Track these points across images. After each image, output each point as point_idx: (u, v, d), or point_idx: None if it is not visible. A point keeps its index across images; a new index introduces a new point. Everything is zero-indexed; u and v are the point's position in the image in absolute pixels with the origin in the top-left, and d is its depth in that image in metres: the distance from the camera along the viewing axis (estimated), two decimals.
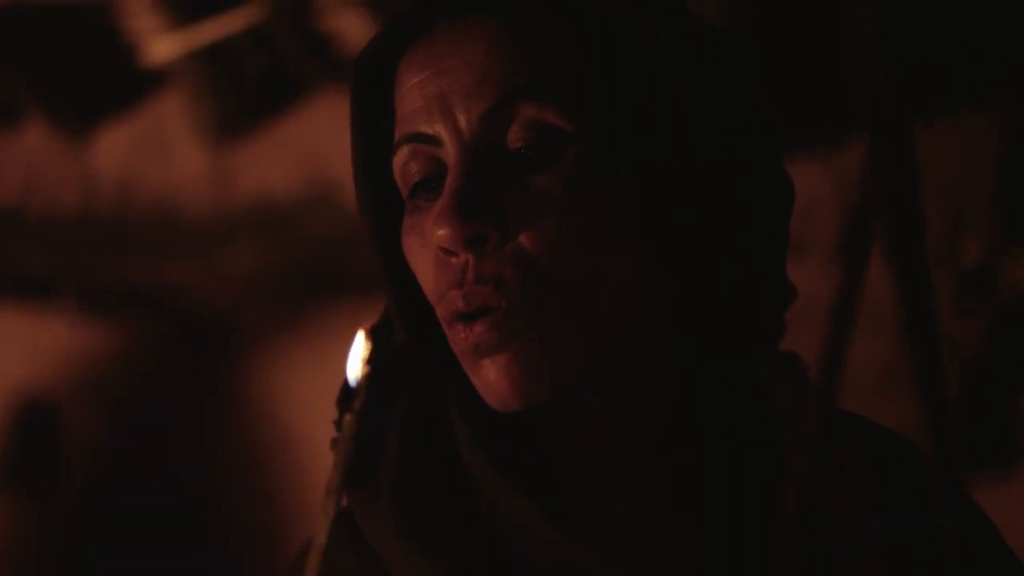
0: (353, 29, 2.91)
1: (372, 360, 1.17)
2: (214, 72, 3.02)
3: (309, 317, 3.14)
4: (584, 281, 1.05)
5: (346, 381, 1.16)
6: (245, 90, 3.04)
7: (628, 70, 1.07)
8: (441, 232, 1.02)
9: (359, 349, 1.01)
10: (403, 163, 1.08)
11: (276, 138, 3.08)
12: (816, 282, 1.12)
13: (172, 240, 3.18)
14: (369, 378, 1.17)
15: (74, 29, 3.09)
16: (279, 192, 3.10)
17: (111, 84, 3.13)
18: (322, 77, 2.98)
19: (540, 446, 1.10)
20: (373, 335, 1.18)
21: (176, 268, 3.23)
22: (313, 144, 3.04)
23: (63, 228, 3.22)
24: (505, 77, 1.05)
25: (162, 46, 2.97)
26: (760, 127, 1.11)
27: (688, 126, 1.08)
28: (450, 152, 1.05)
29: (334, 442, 1.16)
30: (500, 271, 1.03)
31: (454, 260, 1.04)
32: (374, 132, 1.13)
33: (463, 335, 1.04)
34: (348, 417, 1.18)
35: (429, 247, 1.06)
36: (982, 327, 2.38)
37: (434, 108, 1.06)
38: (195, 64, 3.01)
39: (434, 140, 1.06)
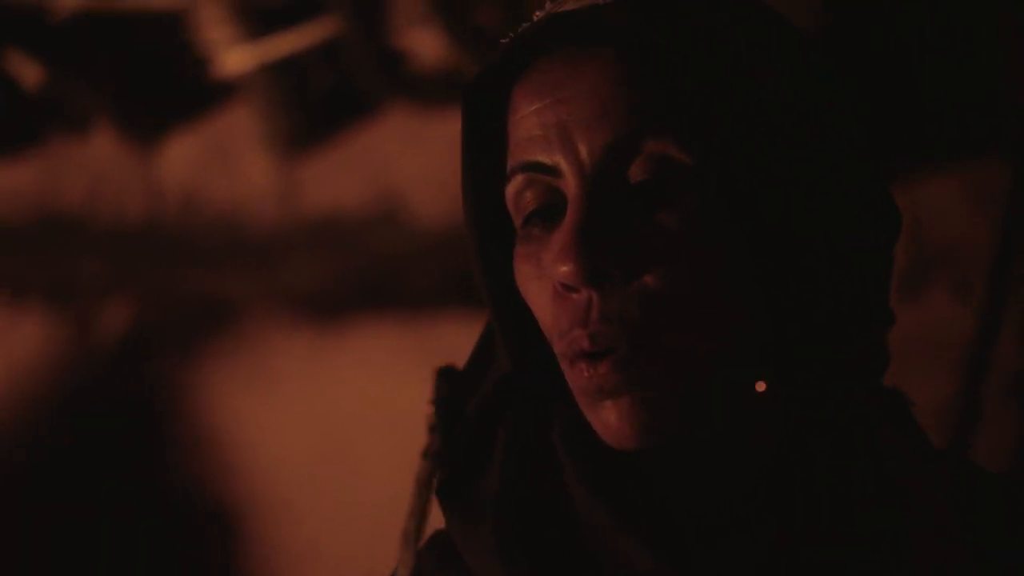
0: (424, 46, 2.91)
1: (438, 402, 1.17)
2: (284, 86, 3.02)
3: (360, 330, 3.14)
4: (705, 320, 1.03)
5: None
6: (314, 104, 3.04)
7: (742, 102, 1.06)
8: (564, 269, 1.00)
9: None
10: (517, 191, 1.07)
11: (343, 154, 3.08)
12: (934, 313, 1.11)
13: (235, 252, 3.18)
14: (438, 418, 1.16)
15: (145, 38, 3.09)
16: (344, 207, 3.10)
17: (180, 94, 3.14)
18: (391, 93, 2.98)
19: (645, 481, 1.08)
20: (443, 377, 1.18)
21: (237, 281, 3.23)
22: (380, 160, 3.04)
23: (127, 237, 3.22)
24: (628, 109, 1.03)
25: (234, 58, 2.98)
26: (866, 152, 1.09)
27: (798, 157, 1.06)
28: (570, 184, 1.03)
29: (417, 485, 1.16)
30: (624, 309, 1.01)
31: (575, 296, 1.02)
32: (485, 155, 1.10)
33: (586, 374, 1.02)
34: (422, 463, 1.18)
35: (545, 278, 1.04)
36: None
37: (553, 138, 1.04)
38: (265, 77, 3.01)
39: (553, 171, 1.04)
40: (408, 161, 3.07)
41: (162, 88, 3.15)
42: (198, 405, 3.38)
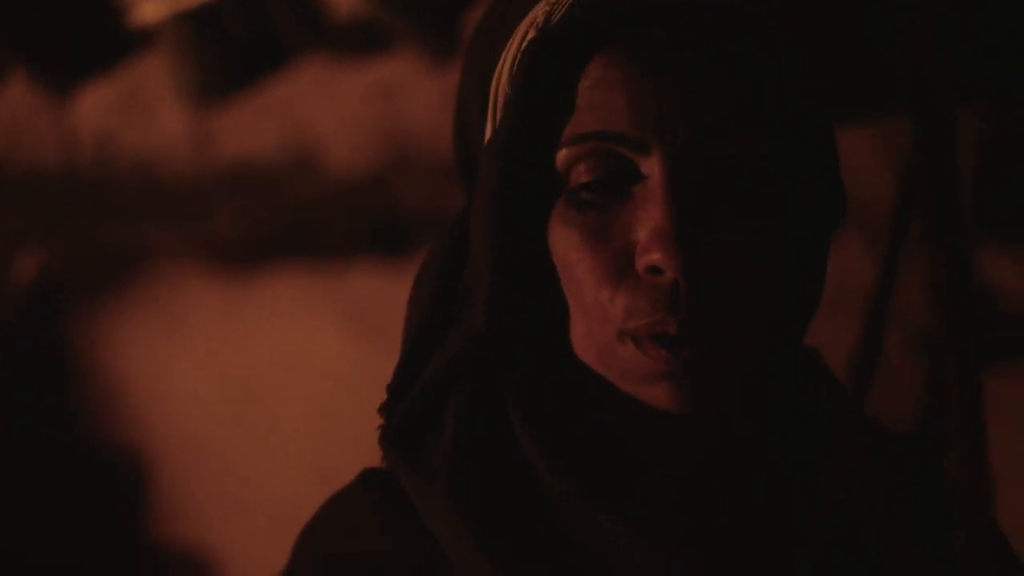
0: None
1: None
2: (199, 35, 3.01)
3: (274, 279, 3.14)
4: (762, 313, 1.06)
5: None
6: (229, 54, 3.03)
7: (798, 99, 1.08)
8: (662, 255, 1.01)
9: None
10: (579, 156, 1.06)
11: (258, 103, 3.07)
12: (847, 265, 1.14)
13: (149, 201, 3.17)
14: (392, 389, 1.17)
15: None
16: (259, 157, 3.10)
17: (95, 43, 3.12)
18: (307, 43, 2.98)
19: (609, 449, 1.10)
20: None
21: (152, 230, 3.23)
22: (295, 110, 3.04)
23: (41, 186, 3.20)
24: (724, 99, 1.04)
25: (149, 7, 2.96)
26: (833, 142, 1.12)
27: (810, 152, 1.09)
28: (658, 164, 1.03)
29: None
30: (708, 300, 1.03)
31: (660, 280, 1.03)
32: (538, 111, 1.08)
33: (656, 357, 1.04)
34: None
35: (602, 250, 1.05)
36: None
37: (646, 114, 1.04)
38: (180, 26, 3.00)
39: (639, 146, 1.04)
40: (323, 111, 3.07)
41: (77, 36, 3.13)
42: (111, 355, 3.38)
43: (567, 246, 1.06)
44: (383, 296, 3.04)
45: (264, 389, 3.16)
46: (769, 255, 1.05)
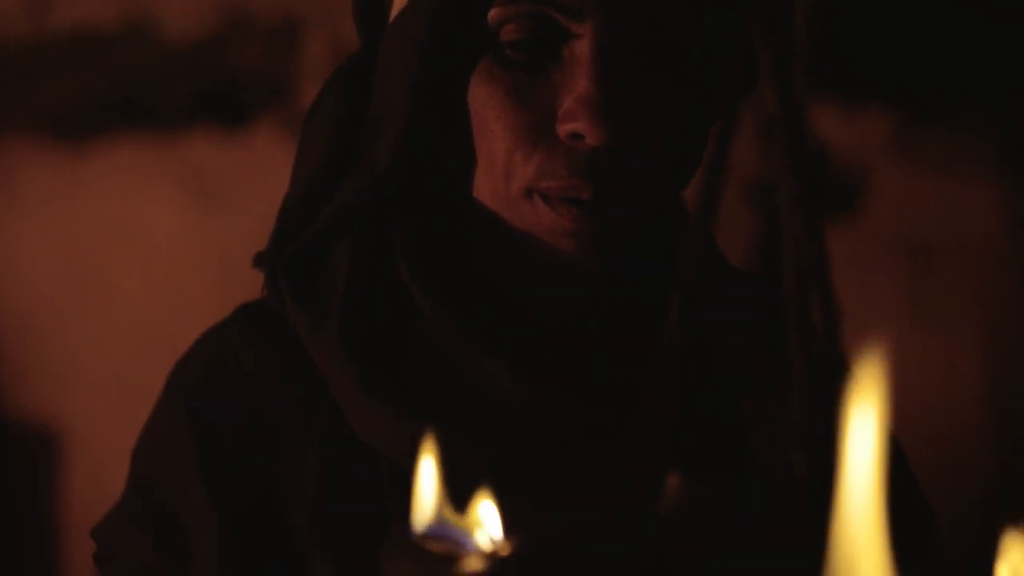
0: None
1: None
2: None
3: (111, 149, 3.10)
4: (662, 180, 1.10)
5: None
6: None
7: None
8: (586, 123, 1.03)
9: None
10: (514, 15, 1.07)
11: None
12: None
13: None
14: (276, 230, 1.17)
15: None
16: (94, 24, 3.05)
17: None
18: None
19: (497, 300, 1.13)
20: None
21: None
22: None
23: None
24: None
25: None
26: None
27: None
28: (592, 34, 1.05)
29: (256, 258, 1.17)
30: (618, 170, 1.05)
31: (579, 145, 1.05)
32: None
33: (563, 213, 1.06)
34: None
35: (523, 109, 1.07)
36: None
37: None
38: None
39: (576, 13, 1.06)
40: None
41: None
42: None
43: (488, 103, 1.08)
44: (220, 164, 3.02)
45: (101, 259, 3.13)
46: (680, 125, 1.08)
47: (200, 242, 3.01)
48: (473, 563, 0.75)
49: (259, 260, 1.16)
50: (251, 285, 1.21)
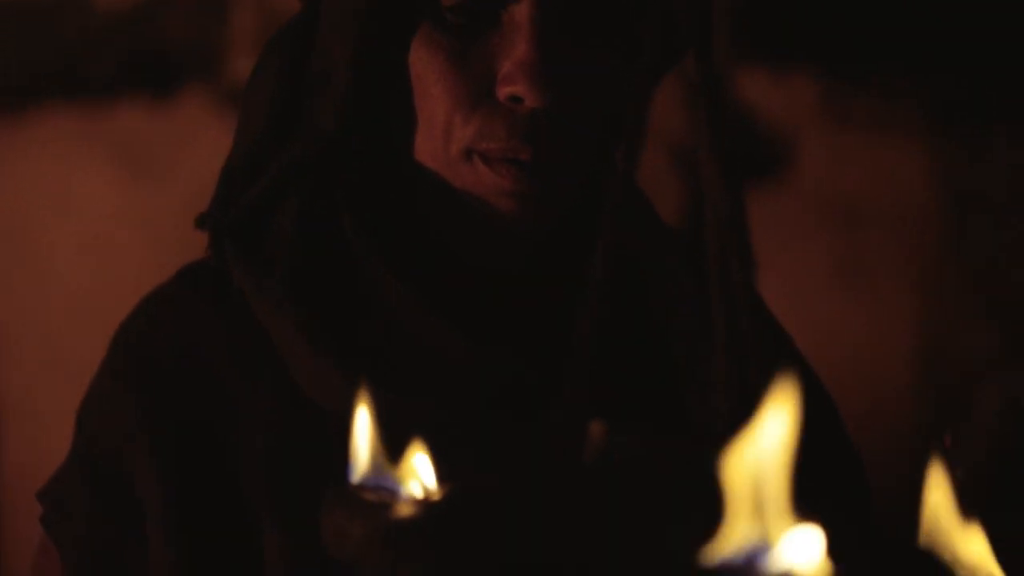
0: None
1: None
2: None
3: (42, 118, 3.09)
4: (596, 141, 1.11)
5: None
6: None
7: None
8: (525, 87, 1.05)
9: None
10: None
11: None
12: None
13: None
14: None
15: None
16: None
17: None
18: None
19: (442, 259, 1.15)
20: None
21: None
22: None
23: None
24: None
25: None
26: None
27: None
28: (532, 1, 1.06)
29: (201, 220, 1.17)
30: (557, 132, 1.07)
31: (518, 108, 1.07)
32: None
33: (503, 174, 1.08)
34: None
35: (462, 74, 1.08)
36: None
37: None
38: None
39: None
40: None
41: None
42: None
43: (428, 66, 1.09)
44: (150, 133, 3.01)
45: (34, 228, 3.11)
46: (615, 91, 1.09)
47: (132, 211, 3.00)
48: (405, 510, 0.76)
49: (203, 220, 1.16)
50: (183, 252, 1.21)
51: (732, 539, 0.66)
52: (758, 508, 0.66)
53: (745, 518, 0.66)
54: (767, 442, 0.67)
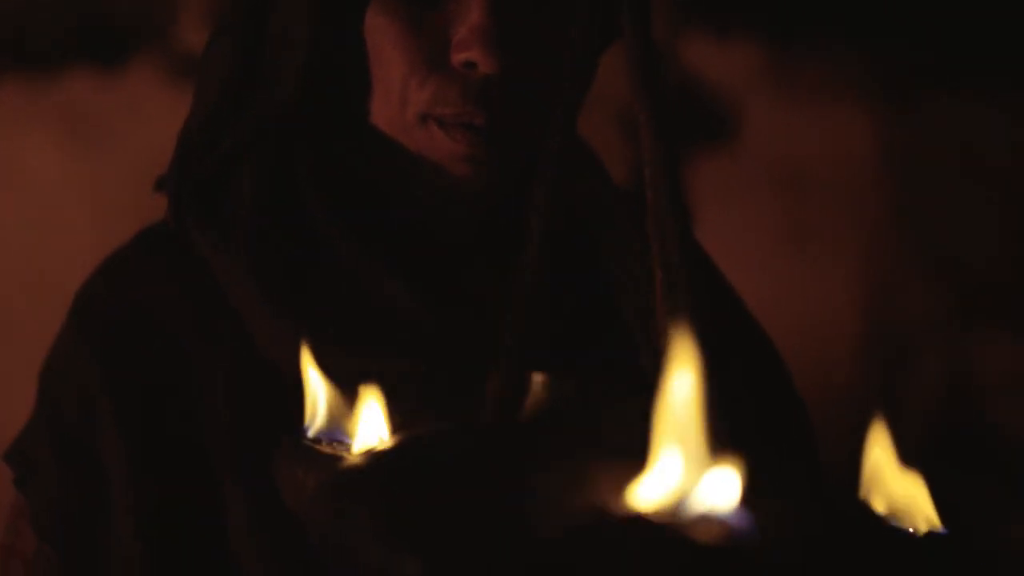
0: None
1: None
2: None
3: None
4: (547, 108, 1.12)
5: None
6: None
7: None
8: (480, 52, 1.07)
9: None
10: None
11: None
12: None
13: None
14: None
15: None
16: None
17: None
18: None
19: (400, 222, 1.16)
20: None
21: None
22: None
23: None
24: None
25: None
26: None
27: None
28: None
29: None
30: (510, 97, 1.09)
31: (472, 74, 1.09)
32: None
33: (458, 138, 1.10)
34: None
35: (418, 39, 1.10)
36: None
37: None
38: None
39: None
40: None
41: None
42: None
43: (384, 32, 1.11)
44: (97, 103, 3.00)
45: None
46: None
47: (80, 181, 2.99)
48: (355, 459, 0.78)
49: (162, 183, 1.17)
50: (132, 222, 1.22)
51: (654, 482, 0.69)
52: (678, 451, 0.68)
53: (667, 461, 0.69)
54: (677, 390, 0.69)
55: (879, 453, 0.81)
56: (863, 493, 0.80)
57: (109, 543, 1.09)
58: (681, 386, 0.69)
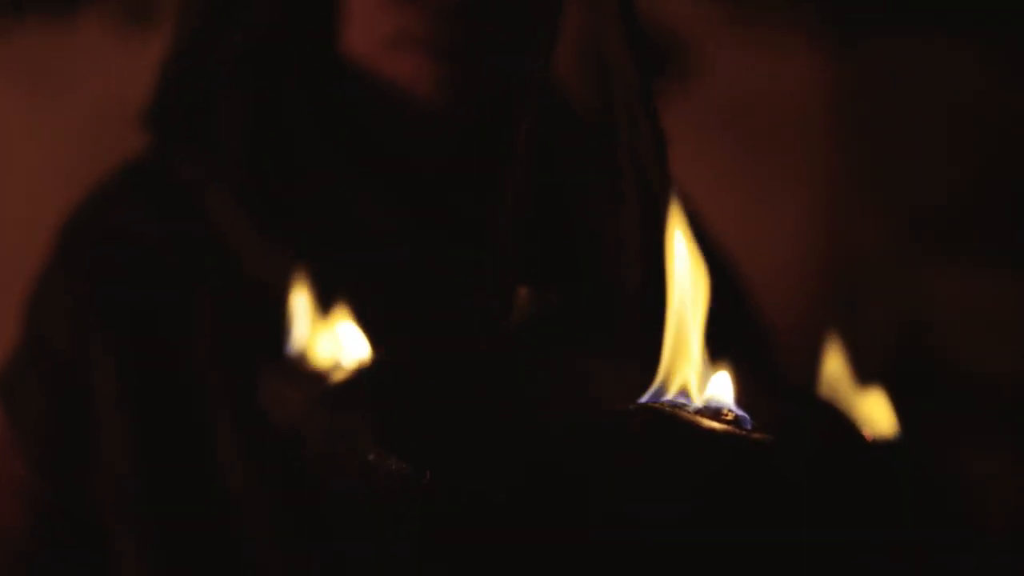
0: None
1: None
2: None
3: None
4: (513, 33, 1.14)
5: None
6: None
7: None
8: None
9: None
10: None
11: None
12: None
13: None
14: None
15: None
16: None
17: None
18: None
19: (387, 151, 1.18)
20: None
21: None
22: None
23: None
24: None
25: None
26: None
27: None
28: None
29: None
30: (479, 19, 1.12)
31: None
32: None
33: (426, 61, 1.13)
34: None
35: None
36: None
37: None
38: None
39: None
40: None
41: None
42: None
43: None
44: (51, 53, 2.99)
45: None
46: None
47: (33, 131, 2.98)
48: (339, 376, 0.79)
49: (147, 116, 1.18)
50: (85, 174, 1.22)
51: (656, 379, 0.70)
52: (677, 353, 0.70)
53: (665, 363, 0.70)
54: (680, 295, 0.71)
55: (835, 367, 0.83)
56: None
57: (98, 464, 1.10)
58: (684, 291, 0.70)
